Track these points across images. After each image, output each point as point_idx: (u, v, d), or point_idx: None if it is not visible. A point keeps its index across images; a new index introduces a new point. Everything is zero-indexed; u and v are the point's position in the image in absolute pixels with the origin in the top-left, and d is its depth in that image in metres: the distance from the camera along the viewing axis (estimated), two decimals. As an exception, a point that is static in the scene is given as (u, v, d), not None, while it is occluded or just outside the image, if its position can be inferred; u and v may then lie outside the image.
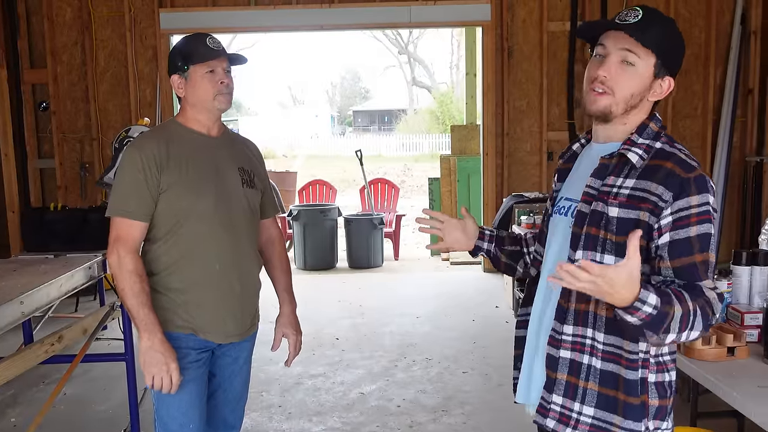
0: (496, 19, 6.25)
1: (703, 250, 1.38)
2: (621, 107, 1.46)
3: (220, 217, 2.04)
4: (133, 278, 1.94)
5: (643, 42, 1.42)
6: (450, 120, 22.62)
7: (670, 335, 1.33)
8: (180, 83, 2.07)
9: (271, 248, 2.33)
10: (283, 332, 2.29)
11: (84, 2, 6.22)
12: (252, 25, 6.46)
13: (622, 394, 1.43)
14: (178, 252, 2.02)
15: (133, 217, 1.98)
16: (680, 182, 1.37)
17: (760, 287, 2.28)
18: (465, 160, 7.60)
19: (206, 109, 2.07)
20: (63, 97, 6.35)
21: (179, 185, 1.99)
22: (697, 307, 1.34)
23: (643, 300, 1.29)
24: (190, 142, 2.07)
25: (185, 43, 2.08)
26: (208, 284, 2.04)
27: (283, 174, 11.29)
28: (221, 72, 2.06)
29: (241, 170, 2.13)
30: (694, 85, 6.25)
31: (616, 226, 1.41)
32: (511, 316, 5.25)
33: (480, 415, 3.58)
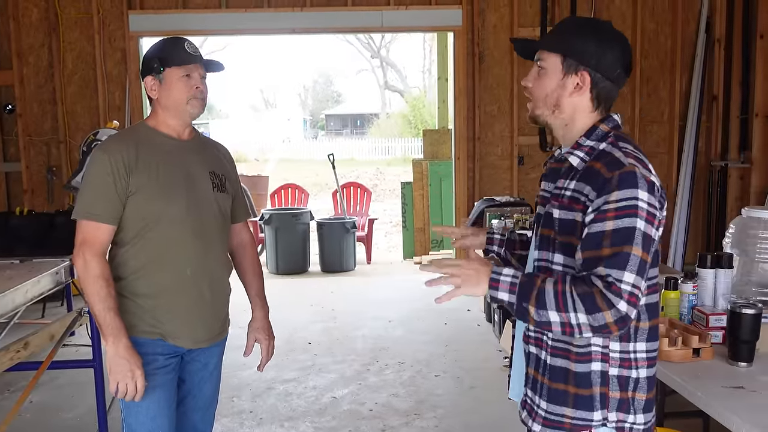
0: (468, 24, 6.30)
1: (615, 244, 1.37)
2: (544, 111, 1.56)
3: (191, 222, 2.01)
4: (100, 282, 1.91)
5: (543, 47, 1.56)
6: (422, 124, 22.71)
7: (551, 312, 1.37)
8: (153, 85, 2.04)
9: (242, 252, 2.30)
10: (255, 337, 2.28)
11: (51, 3, 6.12)
12: (223, 27, 6.41)
13: (572, 387, 1.49)
14: (147, 256, 2.00)
15: (101, 219, 1.95)
16: (603, 180, 1.41)
17: (724, 289, 2.32)
18: (437, 164, 7.64)
19: (178, 112, 2.05)
20: (29, 99, 6.23)
21: (148, 188, 1.97)
22: (573, 288, 1.37)
23: (497, 272, 1.45)
24: (160, 145, 2.04)
25: (163, 46, 2.07)
26: (178, 289, 2.02)
27: (255, 178, 11.21)
28: (197, 77, 2.05)
29: (213, 174, 2.11)
30: (660, 92, 6.37)
31: (558, 227, 1.49)
32: (482, 319, 5.29)
33: (452, 419, 3.60)
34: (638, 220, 1.38)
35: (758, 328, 2.03)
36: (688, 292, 2.32)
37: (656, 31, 6.30)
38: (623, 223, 1.38)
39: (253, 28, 6.40)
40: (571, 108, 1.54)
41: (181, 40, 2.06)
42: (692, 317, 2.29)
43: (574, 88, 1.53)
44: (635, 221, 1.38)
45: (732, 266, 2.37)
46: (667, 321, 2.25)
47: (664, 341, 2.06)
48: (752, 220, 2.54)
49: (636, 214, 1.38)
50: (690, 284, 2.33)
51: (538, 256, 1.56)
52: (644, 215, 1.39)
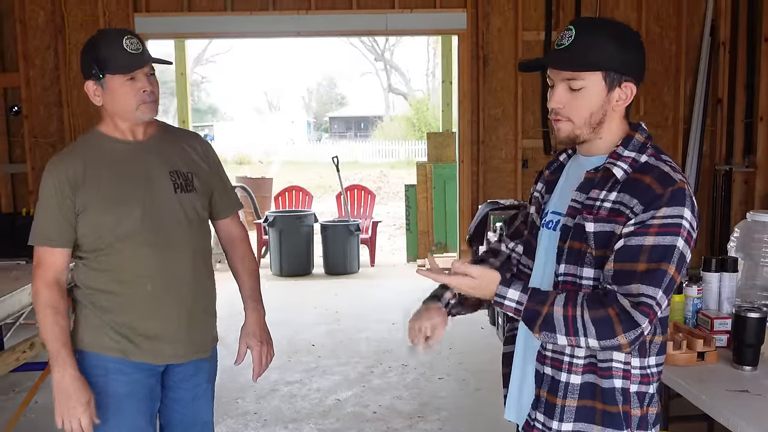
0: (472, 27, 6.31)
1: (653, 260, 1.34)
2: (585, 130, 1.46)
3: (148, 234, 1.86)
4: (46, 311, 1.82)
5: (577, 68, 1.41)
6: (426, 127, 22.71)
7: (559, 335, 1.37)
8: (96, 91, 1.86)
9: (232, 249, 2.13)
10: (247, 343, 2.08)
11: (57, 6, 6.15)
12: (228, 30, 6.44)
13: (600, 403, 1.44)
14: (104, 272, 1.88)
15: (52, 244, 1.85)
16: (654, 196, 1.36)
17: (729, 293, 2.32)
18: (441, 167, 7.64)
19: (128, 119, 1.88)
20: (35, 101, 6.26)
21: (96, 205, 1.83)
22: (588, 315, 1.34)
23: (501, 295, 1.42)
24: (111, 152, 1.89)
25: (99, 47, 1.83)
26: (140, 305, 1.89)
27: (259, 180, 11.25)
28: (143, 78, 1.85)
29: (174, 174, 1.92)
30: (664, 96, 6.37)
31: (594, 240, 1.42)
32: (486, 322, 5.29)
33: (456, 421, 3.60)
34: (679, 239, 1.35)
35: (763, 332, 2.03)
36: (692, 295, 2.32)
37: (661, 35, 6.30)
38: (664, 240, 1.35)
39: (257, 30, 6.43)
40: (611, 122, 1.47)
41: (119, 35, 1.82)
42: (697, 321, 2.30)
43: (617, 101, 1.45)
44: (676, 240, 1.35)
45: (737, 270, 2.37)
46: (671, 325, 2.25)
47: (669, 345, 2.06)
48: (757, 224, 2.54)
49: (678, 233, 1.35)
50: (695, 288, 2.33)
51: (564, 271, 1.47)
52: (685, 235, 1.36)
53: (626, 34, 1.45)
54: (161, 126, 2.01)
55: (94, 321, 1.90)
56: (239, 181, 10.44)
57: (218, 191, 2.06)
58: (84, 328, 1.91)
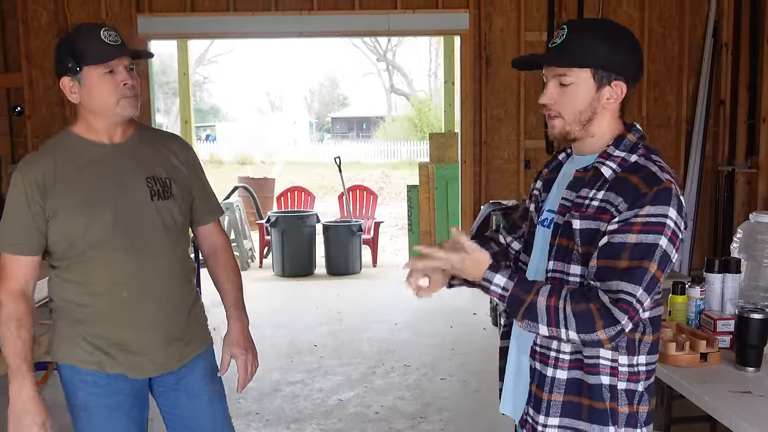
0: (474, 28, 6.31)
1: (634, 258, 1.35)
2: (576, 126, 1.48)
3: (122, 240, 1.77)
4: (9, 324, 1.72)
5: (566, 64, 1.45)
6: (428, 127, 22.72)
7: (541, 325, 1.39)
8: (72, 87, 1.75)
9: (214, 258, 2.03)
10: (231, 352, 1.98)
11: (60, 6, 6.16)
12: (231, 30, 6.44)
13: (587, 399, 1.45)
14: (77, 281, 1.80)
15: (18, 251, 1.75)
16: (638, 195, 1.38)
17: (732, 294, 2.32)
18: (443, 167, 7.64)
19: (108, 116, 1.77)
20: (38, 101, 6.27)
21: (67, 210, 1.74)
22: (568, 305, 1.36)
23: (488, 279, 1.45)
24: (84, 156, 1.79)
25: (74, 39, 1.73)
26: (115, 315, 1.80)
27: (262, 180, 11.26)
28: (123, 71, 1.74)
29: (151, 180, 1.83)
30: (667, 96, 6.36)
31: (579, 237, 1.44)
32: (488, 322, 5.29)
33: (458, 422, 3.60)
34: (662, 237, 1.36)
35: (766, 333, 2.02)
36: (695, 296, 2.32)
37: (663, 35, 6.29)
38: (647, 238, 1.36)
39: (260, 31, 6.44)
40: (601, 119, 1.48)
41: (95, 27, 1.73)
42: (699, 322, 2.30)
43: (607, 99, 1.46)
44: (659, 238, 1.36)
45: (740, 271, 2.37)
46: (674, 326, 2.25)
47: (672, 346, 2.06)
48: (760, 225, 2.54)
49: (662, 232, 1.36)
50: (697, 289, 2.32)
51: (553, 267, 1.50)
52: (669, 234, 1.37)
53: (619, 34, 1.46)
54: (139, 127, 1.90)
55: (67, 332, 1.82)
56: (241, 181, 10.45)
57: (199, 197, 1.97)
58: (59, 340, 1.84)
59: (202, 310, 2.04)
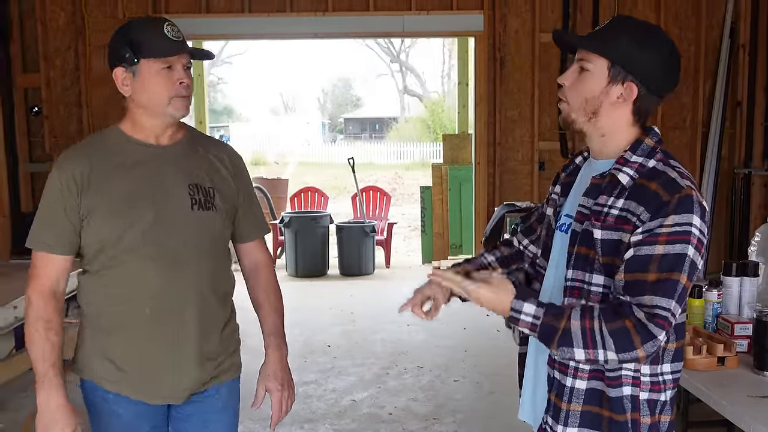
0: (489, 29, 6.30)
1: (663, 270, 1.33)
2: (580, 116, 1.47)
3: (154, 250, 1.65)
4: (37, 325, 1.62)
5: (590, 48, 1.44)
6: (441, 129, 22.69)
7: (577, 350, 1.35)
8: (125, 79, 1.66)
9: (255, 279, 1.88)
10: (266, 386, 1.86)
11: (78, 7, 6.21)
12: (246, 32, 6.48)
13: (607, 411, 1.43)
14: (105, 288, 1.68)
15: (51, 250, 1.65)
16: (661, 204, 1.35)
17: (749, 298, 2.31)
18: (457, 168, 7.63)
19: (158, 114, 1.67)
20: (55, 101, 6.32)
21: (101, 210, 1.64)
22: (604, 326, 1.33)
23: (517, 309, 1.40)
24: (127, 155, 1.69)
25: (136, 29, 1.65)
26: (138, 331, 1.67)
27: (275, 181, 11.29)
28: (180, 69, 1.66)
29: (193, 188, 1.70)
30: (683, 98, 6.31)
31: (601, 248, 1.41)
32: (501, 324, 5.27)
33: (471, 423, 3.60)
34: (689, 247, 1.34)
35: (785, 337, 2.01)
36: (712, 300, 2.31)
37: (679, 36, 6.24)
38: (674, 249, 1.33)
39: (275, 32, 6.46)
40: (609, 119, 1.45)
41: (159, 21, 1.64)
42: (717, 325, 2.28)
43: (617, 98, 1.44)
44: (686, 248, 1.34)
45: (757, 275, 2.35)
46: (691, 329, 2.23)
47: (689, 349, 2.05)
48: (778, 228, 2.52)
49: (688, 241, 1.34)
50: (715, 292, 2.31)
51: (572, 276, 1.46)
52: (695, 242, 1.34)
53: (654, 38, 1.43)
54: (189, 132, 1.80)
55: (91, 345, 1.72)
56: (255, 181, 10.48)
57: (243, 211, 1.83)
58: (83, 352, 1.74)
59: (236, 333, 1.88)
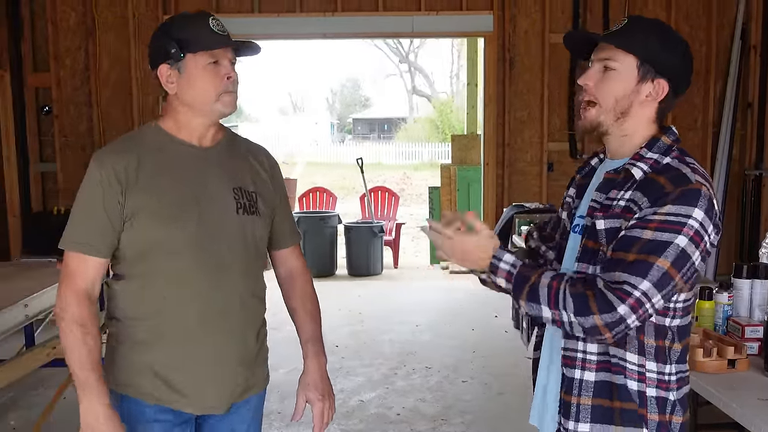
0: (499, 30, 6.29)
1: (642, 252, 1.32)
2: (610, 117, 1.45)
3: (201, 254, 1.59)
4: (73, 328, 1.53)
5: (618, 44, 1.42)
6: (450, 129, 22.67)
7: (543, 306, 1.38)
8: (171, 76, 1.59)
9: (290, 285, 1.83)
10: (306, 396, 1.80)
11: (88, 7, 6.25)
12: (255, 32, 6.47)
13: (618, 402, 1.42)
14: (145, 295, 1.60)
15: (88, 251, 1.56)
16: (663, 194, 1.35)
17: (760, 300, 2.29)
18: (465, 169, 7.63)
19: (205, 112, 1.61)
20: (66, 101, 6.36)
21: (148, 211, 1.56)
22: (568, 287, 1.36)
23: (498, 257, 1.44)
24: (171, 154, 1.62)
25: (181, 24, 1.59)
26: (180, 339, 1.60)
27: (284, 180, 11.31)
28: (228, 64, 1.60)
29: (238, 192, 1.66)
30: (694, 98, 6.29)
31: (605, 238, 1.42)
32: (510, 325, 5.26)
33: (480, 424, 3.59)
34: (681, 236, 1.33)
35: (796, 340, 2.00)
36: (723, 302, 2.30)
37: (690, 36, 6.21)
38: (662, 236, 1.33)
39: (285, 32, 6.48)
40: (636, 119, 1.45)
41: (205, 15, 1.59)
42: (727, 328, 2.27)
43: (646, 96, 1.43)
44: (675, 237, 1.33)
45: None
46: (701, 332, 2.22)
47: (699, 352, 2.04)
48: (790, 230, 2.50)
49: (680, 231, 1.33)
50: (725, 294, 2.30)
51: (577, 269, 1.46)
52: (690, 234, 1.33)
53: (674, 38, 1.45)
54: (228, 133, 1.73)
55: (130, 359, 1.62)
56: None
57: (280, 217, 1.78)
58: (118, 366, 1.63)
59: (266, 340, 1.83)
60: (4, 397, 3.88)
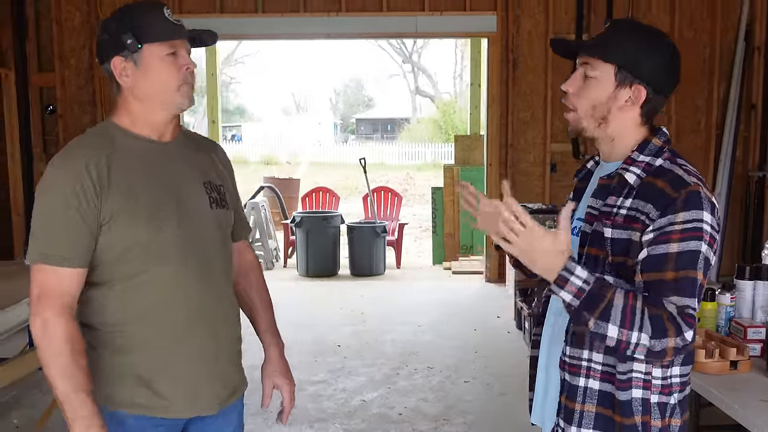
0: (502, 30, 6.30)
1: (679, 268, 1.33)
2: (590, 122, 1.47)
3: (186, 254, 1.52)
4: (63, 348, 1.40)
5: (594, 54, 1.44)
6: (453, 130, 22.67)
7: (611, 326, 1.30)
8: (125, 69, 1.49)
9: (245, 279, 1.79)
10: (274, 383, 1.80)
11: (92, 7, 6.27)
12: (260, 32, 6.51)
13: (618, 415, 1.42)
14: (131, 301, 1.50)
15: (64, 263, 1.43)
16: (668, 200, 1.35)
17: (763, 302, 2.29)
18: (468, 170, 7.63)
19: (164, 105, 1.53)
20: (70, 100, 6.38)
21: (126, 214, 1.46)
22: (646, 308, 1.31)
23: (570, 270, 1.30)
24: (136, 152, 1.52)
25: (134, 14, 1.49)
26: (170, 344, 1.53)
27: (287, 180, 11.34)
28: (185, 54, 1.53)
29: (208, 186, 1.61)
30: (697, 100, 6.29)
31: (611, 247, 1.41)
32: (512, 326, 5.26)
33: (482, 425, 3.59)
34: (702, 243, 1.34)
35: (798, 341, 2.00)
36: (725, 303, 2.30)
37: (694, 38, 6.22)
38: (688, 246, 1.33)
39: (288, 32, 6.49)
40: (619, 122, 1.46)
41: (159, 5, 1.51)
42: (729, 329, 2.27)
43: (625, 101, 1.44)
44: (699, 244, 1.33)
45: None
46: (704, 332, 2.22)
47: (701, 353, 2.04)
48: (793, 231, 2.50)
49: (701, 237, 1.33)
50: (728, 296, 2.30)
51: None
52: (707, 238, 1.34)
53: (656, 41, 1.45)
54: (183, 129, 1.67)
55: (108, 367, 1.51)
56: (267, 181, 10.52)
57: (239, 211, 1.76)
58: (98, 378, 1.49)
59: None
60: (7, 396, 3.89)
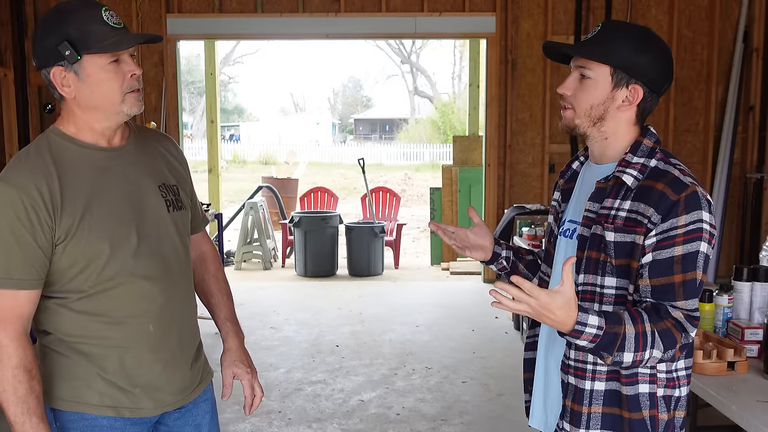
0: (501, 31, 6.31)
1: (686, 270, 1.37)
2: (585, 121, 1.49)
3: (146, 263, 1.49)
4: (19, 376, 1.37)
5: (589, 57, 1.45)
6: (451, 130, 22.68)
7: (627, 354, 1.34)
8: (66, 79, 1.41)
9: (204, 268, 1.77)
10: (233, 373, 1.74)
11: (92, 6, 6.27)
12: (259, 32, 6.51)
13: (626, 411, 1.44)
14: (92, 314, 1.46)
15: (18, 285, 1.38)
16: (670, 204, 1.37)
17: (760, 303, 2.30)
18: (467, 170, 7.64)
19: (109, 115, 1.46)
20: (69, 99, 6.38)
21: (82, 230, 1.41)
22: (655, 329, 1.35)
23: (582, 322, 1.31)
24: (88, 163, 1.46)
25: (70, 20, 1.38)
26: (140, 350, 1.51)
27: (285, 180, 11.33)
28: (129, 60, 1.44)
29: (163, 188, 1.56)
30: (695, 101, 6.30)
31: (614, 250, 1.42)
32: (510, 327, 5.27)
33: (479, 425, 3.60)
34: (703, 243, 1.38)
35: (795, 342, 2.01)
36: (723, 304, 2.30)
37: (693, 40, 6.24)
38: (691, 247, 1.37)
39: (287, 32, 6.49)
40: (615, 122, 1.48)
41: (95, 7, 1.41)
42: (727, 330, 2.27)
43: (623, 101, 1.46)
44: (700, 245, 1.38)
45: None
46: (701, 333, 2.23)
47: (699, 354, 2.05)
48: (790, 233, 2.51)
49: (701, 237, 1.37)
50: (725, 297, 2.31)
51: (583, 280, 1.47)
52: (707, 237, 1.38)
53: (650, 41, 1.46)
54: (132, 126, 1.59)
55: (76, 372, 1.48)
56: (265, 181, 10.53)
57: (193, 203, 1.71)
58: (62, 380, 1.47)
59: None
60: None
